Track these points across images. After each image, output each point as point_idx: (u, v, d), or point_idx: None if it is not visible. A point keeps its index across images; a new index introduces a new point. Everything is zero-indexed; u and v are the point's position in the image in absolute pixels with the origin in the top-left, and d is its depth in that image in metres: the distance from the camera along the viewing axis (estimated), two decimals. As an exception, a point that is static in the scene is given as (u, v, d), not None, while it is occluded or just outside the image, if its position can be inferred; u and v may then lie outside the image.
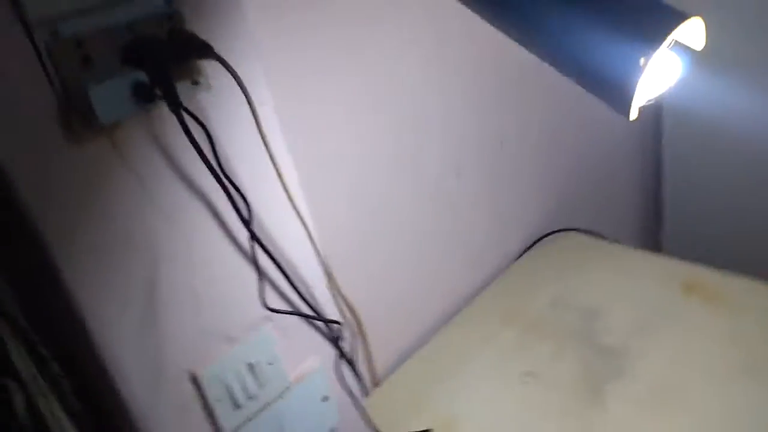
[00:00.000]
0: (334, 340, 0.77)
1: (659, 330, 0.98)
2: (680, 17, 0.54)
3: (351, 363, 0.81)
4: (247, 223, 0.62)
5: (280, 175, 0.66)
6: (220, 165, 0.58)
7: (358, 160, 0.90)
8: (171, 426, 0.63)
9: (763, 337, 0.93)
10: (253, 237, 0.63)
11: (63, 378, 0.60)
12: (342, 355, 0.78)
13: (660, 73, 0.56)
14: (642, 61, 0.51)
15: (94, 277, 0.54)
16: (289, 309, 0.71)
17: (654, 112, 1.52)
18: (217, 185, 0.59)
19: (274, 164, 0.66)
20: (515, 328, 1.05)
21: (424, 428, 0.87)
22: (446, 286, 1.11)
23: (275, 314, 0.70)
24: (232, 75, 0.55)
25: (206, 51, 0.52)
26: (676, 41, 0.56)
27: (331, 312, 0.77)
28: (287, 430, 0.73)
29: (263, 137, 0.64)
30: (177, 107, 0.51)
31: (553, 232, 1.29)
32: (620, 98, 0.53)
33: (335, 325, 0.76)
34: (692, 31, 0.57)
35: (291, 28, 0.77)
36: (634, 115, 0.53)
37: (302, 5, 0.78)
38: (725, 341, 0.93)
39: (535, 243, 1.27)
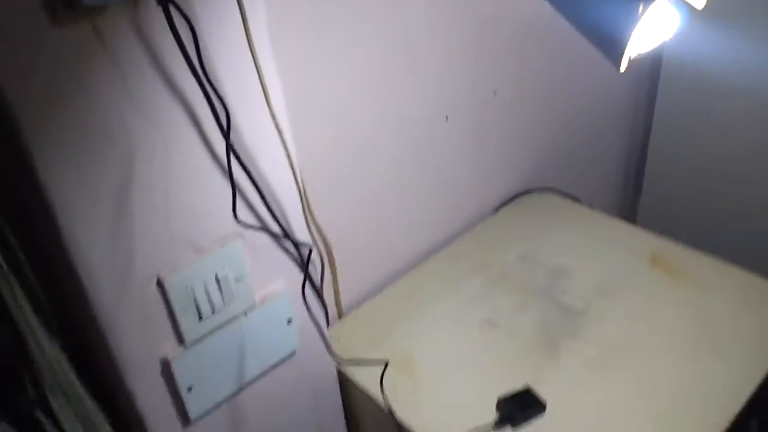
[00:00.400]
0: (303, 265, 0.77)
1: (620, 296, 1.01)
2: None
3: (317, 290, 0.82)
4: (225, 132, 0.61)
5: (265, 91, 0.65)
6: (203, 68, 0.56)
7: (348, 89, 0.88)
8: (134, 328, 0.64)
9: (720, 314, 0.95)
10: (230, 148, 0.62)
11: (27, 265, 0.60)
12: (309, 281, 0.79)
13: (656, 25, 0.55)
14: (640, 8, 0.51)
15: (67, 166, 0.53)
16: (261, 227, 0.71)
17: (650, 76, 1.51)
18: (200, 90, 0.58)
19: (261, 78, 0.64)
20: (483, 277, 1.06)
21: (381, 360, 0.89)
22: (421, 229, 1.12)
23: (246, 231, 0.70)
24: (225, -25, 0.54)
25: (201, -56, 0.50)
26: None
27: (303, 237, 0.77)
28: (248, 347, 0.74)
29: (252, 49, 0.62)
30: None
31: (533, 190, 1.30)
32: (615, 44, 0.52)
33: (305, 250, 0.76)
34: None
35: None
36: (624, 66, 0.53)
37: None
38: (683, 315, 0.96)
39: (513, 198, 1.28)
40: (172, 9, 0.51)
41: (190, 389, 0.69)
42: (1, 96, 0.49)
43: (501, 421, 0.80)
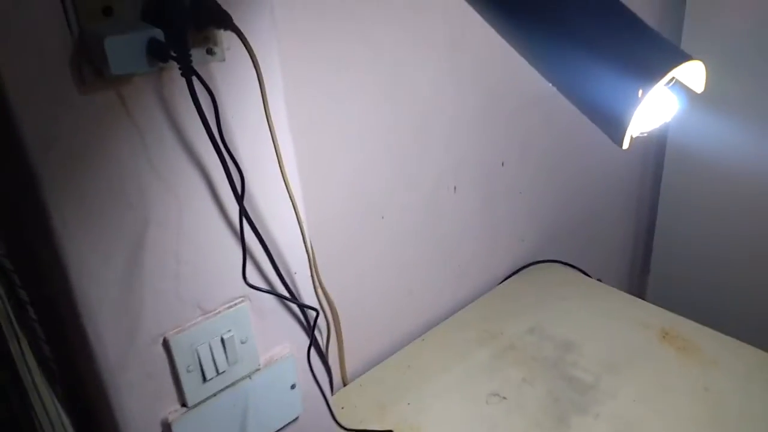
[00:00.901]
0: (309, 330, 0.77)
1: (630, 371, 0.99)
2: (683, 57, 0.56)
3: (322, 356, 0.82)
4: (239, 198, 0.63)
5: (279, 158, 0.67)
6: (221, 136, 0.59)
7: (358, 158, 0.91)
8: (137, 388, 0.63)
9: (730, 392, 0.94)
10: (243, 213, 0.64)
11: (37, 323, 0.60)
12: (315, 346, 0.79)
13: (656, 108, 0.57)
14: (640, 92, 0.53)
15: (83, 225, 0.55)
16: (269, 290, 0.72)
17: (656, 156, 1.54)
18: (216, 157, 0.60)
19: (275, 146, 0.67)
20: (490, 349, 1.05)
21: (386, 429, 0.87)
22: (428, 298, 1.12)
23: (253, 294, 0.70)
24: (247, 49, 0.57)
25: (225, 21, 0.53)
26: (675, 80, 0.58)
27: (310, 302, 0.78)
28: (251, 411, 0.73)
29: (268, 118, 0.65)
30: (188, 71, 0.52)
31: (540, 262, 1.30)
32: (615, 126, 0.54)
33: (311, 314, 0.77)
34: (693, 73, 0.59)
35: (310, 16, 0.79)
36: (626, 144, 0.55)
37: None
38: (693, 392, 0.94)
39: (520, 269, 1.28)
40: (194, 80, 0.53)
41: (189, 454, 0.68)
42: (25, 154, 0.51)
43: (507, 499, 0.77)
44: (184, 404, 0.67)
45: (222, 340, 0.68)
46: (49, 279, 0.60)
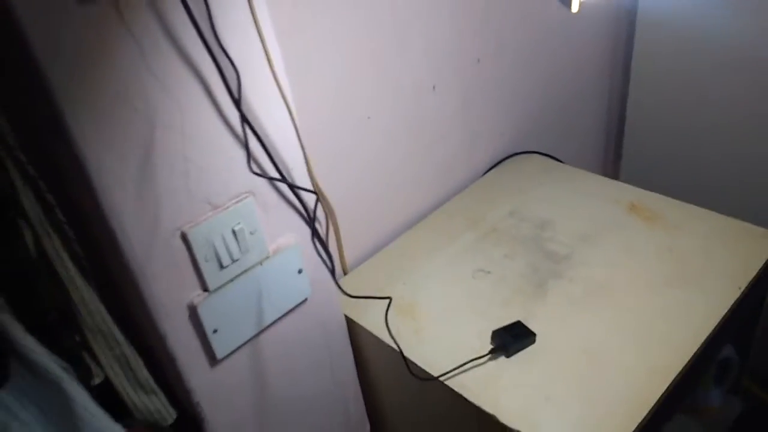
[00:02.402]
0: (310, 219, 0.85)
1: (601, 241, 1.09)
2: None
3: (324, 244, 0.90)
4: (236, 94, 0.68)
5: (269, 59, 0.72)
6: (217, 38, 0.64)
7: (341, 61, 0.95)
8: (163, 276, 0.71)
9: (692, 253, 1.03)
10: (241, 111, 0.70)
11: (66, 224, 0.67)
12: (316, 235, 0.87)
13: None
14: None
15: (96, 128, 0.60)
16: (270, 179, 0.78)
17: (626, 47, 1.59)
18: (211, 62, 0.65)
19: (265, 48, 0.71)
20: (475, 232, 1.14)
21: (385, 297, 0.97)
22: (415, 193, 1.20)
23: (257, 189, 0.77)
24: (229, -47, 0.61)
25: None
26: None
27: (307, 196, 0.85)
28: (265, 294, 0.82)
29: (255, 20, 0.69)
30: (179, -24, 0.56)
31: (518, 153, 1.38)
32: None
33: (310, 206, 0.84)
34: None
35: None
36: (575, 7, 0.60)
37: None
38: (659, 254, 1.04)
39: (500, 161, 1.36)
40: (184, -15, 0.58)
41: (215, 331, 0.76)
42: (36, 64, 0.56)
43: (495, 351, 0.88)
44: (205, 289, 0.75)
45: (233, 232, 0.76)
46: (71, 183, 0.66)
